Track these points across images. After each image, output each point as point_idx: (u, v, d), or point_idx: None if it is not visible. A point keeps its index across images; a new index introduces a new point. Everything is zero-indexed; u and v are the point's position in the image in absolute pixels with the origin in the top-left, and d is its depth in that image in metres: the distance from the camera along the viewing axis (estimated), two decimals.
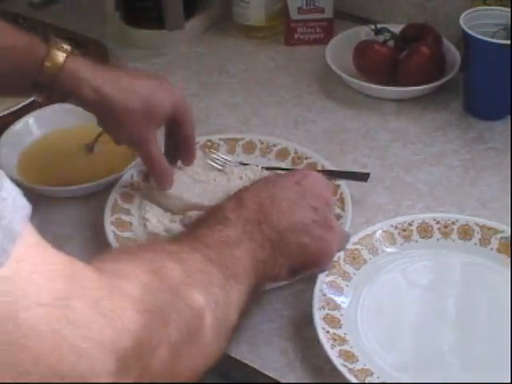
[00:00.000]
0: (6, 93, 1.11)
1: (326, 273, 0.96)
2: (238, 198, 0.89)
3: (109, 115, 1.02)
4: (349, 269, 0.98)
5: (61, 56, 0.98)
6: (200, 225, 0.87)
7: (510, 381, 0.86)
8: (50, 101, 1.05)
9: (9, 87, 1.02)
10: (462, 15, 1.22)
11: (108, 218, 1.06)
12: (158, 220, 1.06)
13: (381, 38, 1.36)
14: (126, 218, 1.08)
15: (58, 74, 0.98)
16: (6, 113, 1.26)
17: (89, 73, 1.00)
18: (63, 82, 0.98)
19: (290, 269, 0.89)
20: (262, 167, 1.14)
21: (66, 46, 0.99)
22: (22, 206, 0.55)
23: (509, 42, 1.17)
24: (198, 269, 0.76)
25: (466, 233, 1.02)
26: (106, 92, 1.00)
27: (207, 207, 1.03)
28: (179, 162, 1.12)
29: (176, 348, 0.68)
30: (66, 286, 0.56)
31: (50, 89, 0.99)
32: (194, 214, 1.05)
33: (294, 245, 0.88)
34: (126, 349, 0.61)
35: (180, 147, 1.10)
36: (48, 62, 0.97)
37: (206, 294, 0.73)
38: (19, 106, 1.27)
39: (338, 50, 1.39)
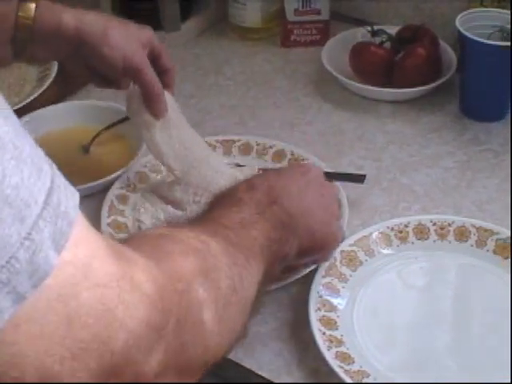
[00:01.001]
0: None
1: (323, 274, 0.97)
2: (248, 181, 0.92)
3: (97, 40, 1.01)
4: (345, 270, 0.98)
5: (32, 3, 0.99)
6: (216, 206, 0.89)
7: (506, 382, 0.87)
8: (32, 56, 1.04)
9: None
10: (459, 16, 1.22)
11: (105, 220, 1.06)
12: (151, 222, 1.06)
13: (377, 39, 1.36)
14: (121, 219, 1.08)
15: (36, 15, 0.98)
16: None
17: (62, 7, 1.01)
18: (42, 19, 0.99)
19: (299, 249, 0.90)
20: (259, 168, 1.14)
21: None
22: (72, 192, 0.57)
23: (507, 43, 1.17)
24: (222, 250, 0.77)
25: (462, 234, 1.02)
26: (85, 16, 1.01)
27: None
28: None
29: (220, 314, 0.71)
30: (117, 268, 0.59)
31: (30, 34, 0.98)
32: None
33: (302, 227, 0.90)
34: (164, 328, 0.63)
35: (161, 81, 1.07)
36: (21, 12, 0.98)
37: (232, 275, 0.76)
38: (15, 109, 1.26)
39: (335, 52, 1.39)
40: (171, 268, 0.68)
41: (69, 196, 0.56)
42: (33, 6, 0.98)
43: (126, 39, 1.03)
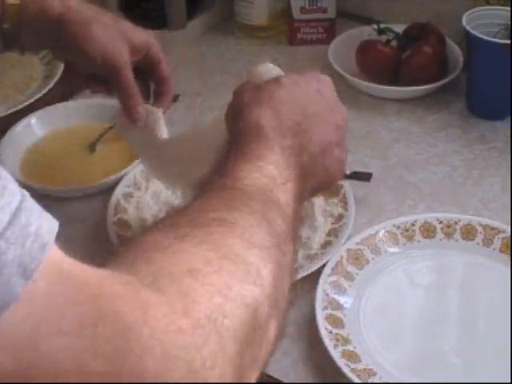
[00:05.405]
0: None
1: (329, 272, 0.96)
2: (274, 111, 0.82)
3: (79, 30, 0.95)
4: (351, 269, 0.98)
5: None
6: (238, 156, 0.76)
7: (510, 381, 0.86)
8: (21, 45, 0.99)
9: None
10: (465, 15, 1.21)
11: (111, 219, 1.06)
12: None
13: (384, 37, 1.36)
14: (128, 218, 1.08)
15: (22, 4, 0.95)
16: (7, 113, 1.27)
17: None
18: (28, 8, 0.95)
19: (312, 189, 0.85)
20: None
21: None
22: (49, 217, 0.49)
23: (508, 41, 1.17)
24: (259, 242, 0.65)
25: (468, 233, 1.02)
26: (73, 4, 0.96)
27: None
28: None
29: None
30: (91, 309, 0.48)
31: (18, 20, 0.95)
32: None
33: (320, 168, 0.84)
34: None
35: (158, 91, 1.04)
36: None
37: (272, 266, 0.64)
38: (21, 107, 1.27)
39: (341, 50, 1.38)
40: (176, 295, 0.54)
41: (43, 220, 0.48)
42: None
43: (110, 35, 0.96)
